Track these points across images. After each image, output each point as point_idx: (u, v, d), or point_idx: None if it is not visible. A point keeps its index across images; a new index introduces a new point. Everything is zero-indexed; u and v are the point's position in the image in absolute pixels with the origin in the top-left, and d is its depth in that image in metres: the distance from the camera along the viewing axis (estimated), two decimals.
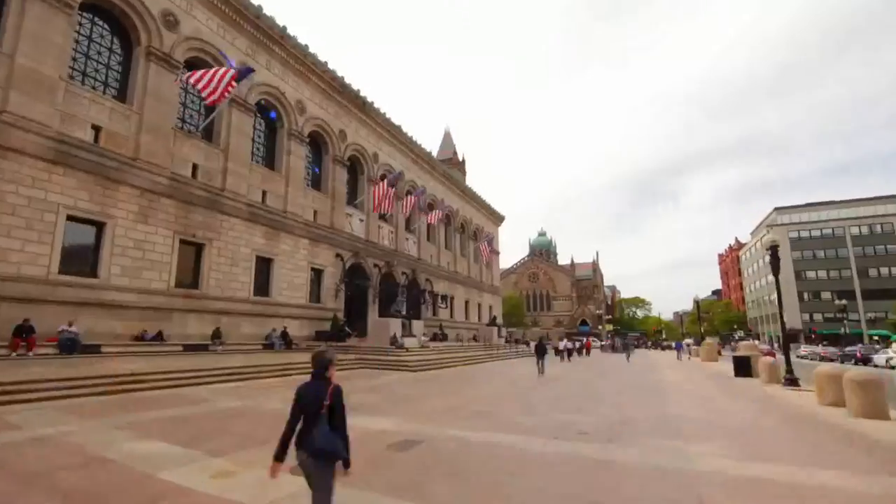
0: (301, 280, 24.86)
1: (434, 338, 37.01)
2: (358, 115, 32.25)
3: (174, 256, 17.92)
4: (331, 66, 28.27)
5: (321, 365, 3.11)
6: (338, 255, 28.26)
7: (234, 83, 17.81)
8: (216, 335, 18.45)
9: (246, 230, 21.53)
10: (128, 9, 17.74)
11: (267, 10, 23.36)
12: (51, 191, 14.44)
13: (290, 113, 25.56)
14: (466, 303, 50.60)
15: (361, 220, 32.36)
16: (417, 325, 26.01)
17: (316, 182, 28.72)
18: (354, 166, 33.35)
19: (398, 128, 36.99)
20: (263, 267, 22.65)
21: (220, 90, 17.35)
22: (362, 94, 31.81)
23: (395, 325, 22.92)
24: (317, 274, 26.66)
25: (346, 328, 26.45)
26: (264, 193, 23.48)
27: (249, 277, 21.40)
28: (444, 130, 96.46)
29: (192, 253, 19.03)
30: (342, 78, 29.55)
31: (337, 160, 29.65)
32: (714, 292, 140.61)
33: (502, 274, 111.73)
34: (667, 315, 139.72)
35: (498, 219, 65.57)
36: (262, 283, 22.55)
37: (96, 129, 16.29)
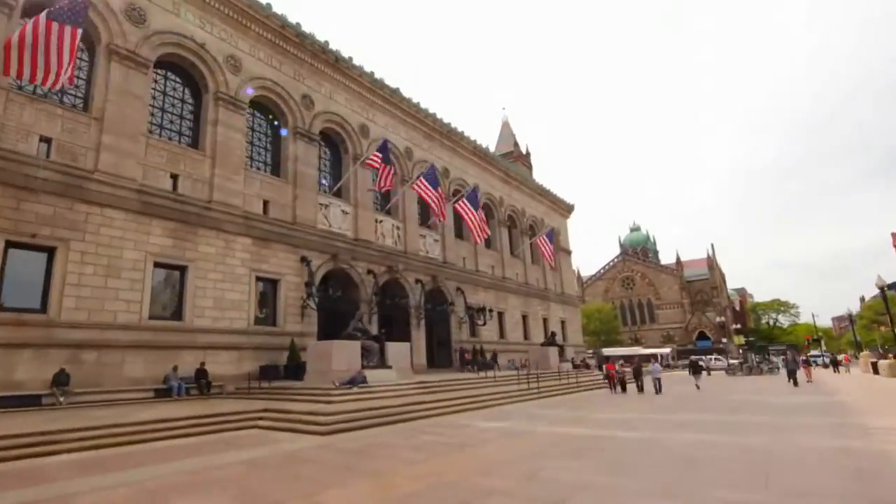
0: (238, 295, 19.61)
1: (475, 364, 30.00)
2: (331, 76, 27.14)
3: None
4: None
5: None
6: (303, 260, 22.78)
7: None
8: (59, 380, 13.55)
9: (135, 227, 16.81)
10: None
11: None
12: None
13: (215, 71, 20.99)
14: (524, 317, 42.63)
15: (345, 212, 26.78)
16: (398, 351, 19.10)
17: (277, 165, 23.87)
18: (337, 144, 28.21)
19: (396, 91, 31.29)
20: (171, 278, 17.76)
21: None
22: (334, 47, 26.69)
23: (346, 351, 16.27)
24: (270, 285, 21.35)
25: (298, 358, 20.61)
26: (175, 178, 18.83)
27: (141, 294, 16.51)
28: (502, 121, 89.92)
29: (37, 261, 14.55)
30: (298, 26, 24.68)
31: (300, 134, 24.56)
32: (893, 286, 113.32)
33: (587, 282, 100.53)
34: (821, 322, 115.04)
35: (564, 209, 56.81)
36: (170, 300, 17.62)
37: None
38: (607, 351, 63.64)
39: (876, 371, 33.25)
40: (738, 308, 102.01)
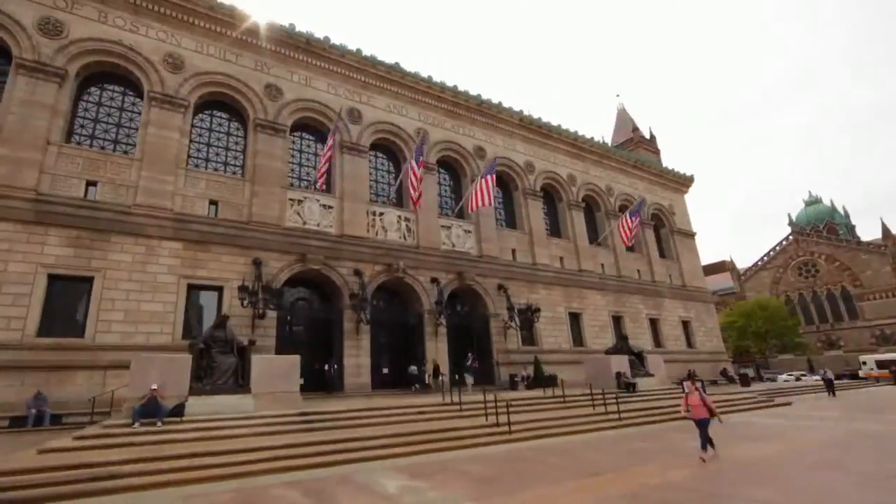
0: (159, 306, 16.84)
1: (525, 380, 23.11)
2: (305, 61, 23.79)
3: None
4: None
5: None
6: (256, 262, 19.26)
7: None
8: None
9: (25, 238, 15.22)
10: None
11: None
12: None
13: (148, 72, 19.20)
14: (616, 319, 32.87)
15: (327, 207, 22.70)
16: (274, 369, 13.13)
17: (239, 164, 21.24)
18: (324, 133, 24.63)
19: (394, 67, 26.52)
20: (75, 291, 15.78)
21: None
22: (320, 32, 23.37)
23: (168, 367, 11.23)
24: (212, 294, 18.26)
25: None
26: (93, 184, 17.16)
27: (27, 309, 14.69)
28: (617, 109, 78.67)
29: None
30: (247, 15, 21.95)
31: (261, 126, 21.55)
32: None
33: (745, 274, 78.46)
34: None
35: (678, 182, 44.27)
36: (70, 316, 15.58)
37: None
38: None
39: None
40: None
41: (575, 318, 30.81)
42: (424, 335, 23.57)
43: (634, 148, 66.94)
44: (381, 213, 24.59)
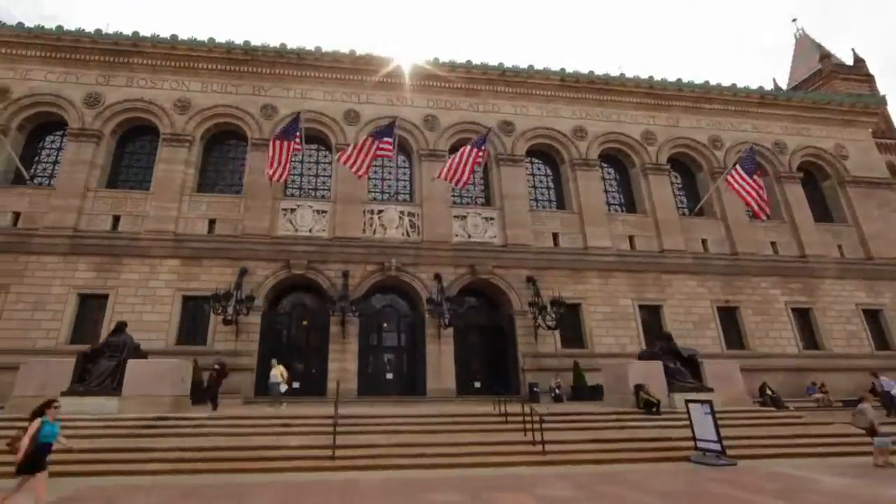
0: (157, 316, 19.43)
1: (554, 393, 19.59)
2: (300, 76, 24.67)
3: None
4: None
5: None
6: (242, 271, 20.57)
7: None
8: None
9: (63, 266, 19.45)
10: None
11: None
12: None
13: (161, 117, 22.61)
14: (724, 310, 24.78)
15: (320, 212, 22.88)
16: (148, 373, 12.74)
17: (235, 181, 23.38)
18: (324, 141, 25.10)
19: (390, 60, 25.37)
20: (98, 306, 19.42)
21: None
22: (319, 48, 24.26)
23: (43, 369, 12.26)
24: (204, 303, 20.23)
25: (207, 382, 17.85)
26: (117, 218, 20.96)
27: (61, 323, 18.71)
28: (796, 37, 61.17)
29: None
30: (246, 44, 23.83)
31: (255, 145, 23.11)
32: None
33: None
34: None
35: (852, 112, 31.08)
36: (91, 326, 19.16)
37: None
38: None
39: None
40: None
41: (652, 312, 24.07)
42: (426, 338, 21.52)
43: (824, 82, 49.77)
44: (381, 211, 23.59)
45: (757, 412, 15.71)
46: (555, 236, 25.02)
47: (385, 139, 20.09)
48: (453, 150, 25.87)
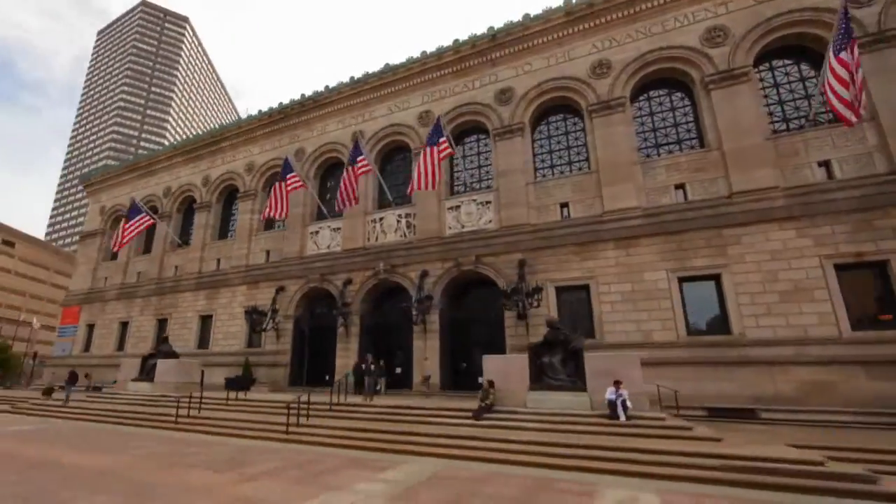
0: (236, 328, 26.83)
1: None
2: (319, 114, 29.24)
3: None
4: None
5: None
6: (279, 290, 26.16)
7: None
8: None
9: (193, 297, 29.27)
10: None
11: None
12: None
13: (236, 180, 31.05)
14: (868, 267, 16.22)
15: (336, 229, 26.51)
16: None
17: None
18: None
19: (386, 71, 27.13)
20: (201, 324, 28.42)
21: None
22: (321, 88, 29.15)
23: None
24: (260, 316, 26.73)
25: (250, 374, 23.75)
26: (219, 261, 29.96)
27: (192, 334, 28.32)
28: None
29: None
30: (280, 105, 30.14)
31: None
32: None
33: None
34: None
35: None
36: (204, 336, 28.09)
37: None
38: None
39: None
40: None
41: (699, 287, 17.62)
42: (413, 334, 22.08)
43: None
44: (381, 218, 25.43)
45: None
46: (563, 207, 21.22)
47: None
48: (460, 133, 25.52)
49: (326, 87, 28.87)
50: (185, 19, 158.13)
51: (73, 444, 12.60)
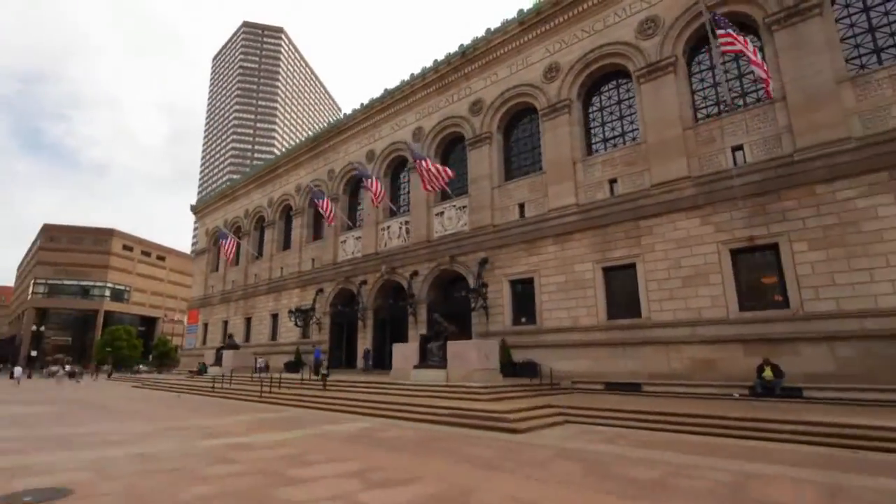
0: (290, 324, 35.53)
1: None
2: (342, 138, 36.04)
3: None
4: None
5: None
6: (319, 291, 33.99)
7: None
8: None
9: (266, 300, 38.84)
10: None
11: None
12: None
13: (293, 200, 39.58)
14: (760, 250, 18.65)
15: (358, 238, 33.31)
16: None
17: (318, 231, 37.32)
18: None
19: (386, 95, 32.76)
20: (272, 321, 37.71)
21: None
22: (344, 111, 36.06)
23: None
24: (305, 314, 34.95)
25: (300, 360, 32.02)
26: (282, 269, 38.97)
27: (267, 329, 37.94)
28: None
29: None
30: (318, 131, 37.62)
31: (332, 198, 36.24)
32: None
33: None
34: None
35: None
36: (273, 330, 37.44)
37: None
38: None
39: None
40: None
41: (620, 275, 20.64)
42: (408, 326, 27.98)
43: None
44: (388, 227, 31.49)
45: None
46: (521, 207, 25.01)
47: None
48: (448, 144, 30.18)
49: (345, 114, 35.49)
50: (280, 30, 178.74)
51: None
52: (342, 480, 6.85)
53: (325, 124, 38.61)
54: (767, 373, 15.41)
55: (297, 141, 43.38)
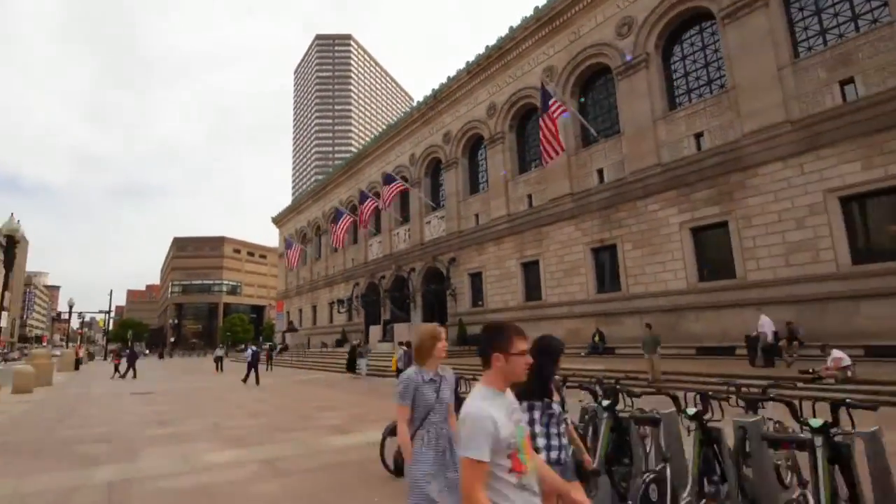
0: (329, 312, 47.12)
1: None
2: (387, 145, 46.22)
3: None
4: None
5: None
6: (355, 284, 44.91)
7: None
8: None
9: (324, 292, 50.97)
10: None
11: None
12: None
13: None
14: (600, 252, 25.75)
15: (381, 242, 43.48)
16: None
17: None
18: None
19: (432, 96, 42.12)
20: (329, 308, 49.64)
21: None
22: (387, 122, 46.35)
23: None
24: (341, 303, 45.99)
25: (346, 338, 43.29)
26: (331, 267, 50.72)
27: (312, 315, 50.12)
28: None
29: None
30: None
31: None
32: None
33: None
34: None
35: None
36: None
37: None
38: None
39: None
40: None
41: (531, 269, 28.36)
42: (411, 311, 37.62)
43: None
44: (398, 233, 41.17)
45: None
46: (476, 217, 33.15)
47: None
48: (429, 172, 38.93)
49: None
50: (349, 37, 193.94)
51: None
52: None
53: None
54: (598, 338, 22.68)
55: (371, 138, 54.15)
